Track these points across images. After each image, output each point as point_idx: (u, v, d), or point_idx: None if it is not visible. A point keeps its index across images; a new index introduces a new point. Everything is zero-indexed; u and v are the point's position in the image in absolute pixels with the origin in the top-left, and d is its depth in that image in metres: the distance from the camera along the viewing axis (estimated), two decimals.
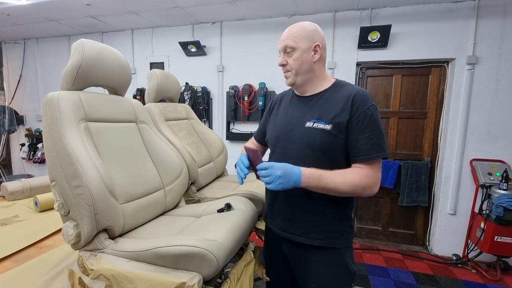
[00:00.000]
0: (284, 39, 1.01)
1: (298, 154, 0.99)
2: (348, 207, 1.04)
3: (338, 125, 0.93)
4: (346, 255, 1.03)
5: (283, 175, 0.86)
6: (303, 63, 1.00)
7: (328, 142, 0.95)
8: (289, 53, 1.01)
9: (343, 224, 1.02)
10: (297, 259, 1.08)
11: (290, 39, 0.99)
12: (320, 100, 1.01)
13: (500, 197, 2.27)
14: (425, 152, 2.89)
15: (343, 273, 1.03)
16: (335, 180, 0.90)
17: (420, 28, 2.63)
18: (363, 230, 3.14)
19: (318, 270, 1.03)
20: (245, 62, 3.15)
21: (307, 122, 0.99)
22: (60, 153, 0.92)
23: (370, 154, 0.91)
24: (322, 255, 1.02)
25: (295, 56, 0.99)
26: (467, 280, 2.38)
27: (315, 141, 0.96)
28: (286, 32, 1.02)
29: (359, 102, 0.93)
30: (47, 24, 3.36)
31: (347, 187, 0.90)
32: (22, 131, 4.14)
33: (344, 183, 0.90)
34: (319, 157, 0.96)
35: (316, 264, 1.03)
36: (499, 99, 2.53)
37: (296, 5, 2.69)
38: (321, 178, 0.89)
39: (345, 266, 1.03)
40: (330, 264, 1.02)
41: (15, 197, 2.02)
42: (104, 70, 1.12)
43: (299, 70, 1.01)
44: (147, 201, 1.15)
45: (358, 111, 0.92)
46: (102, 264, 0.88)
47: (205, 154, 1.81)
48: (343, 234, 1.02)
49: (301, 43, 0.98)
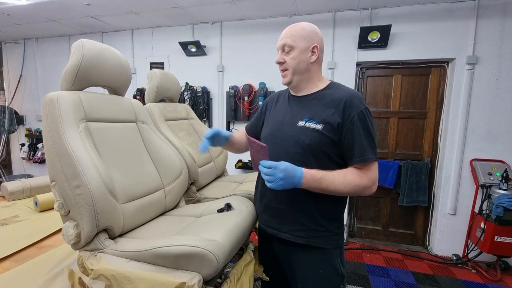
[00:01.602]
0: (283, 37, 1.03)
1: (288, 151, 1.00)
2: (337, 208, 1.05)
3: (329, 126, 0.95)
4: (334, 256, 1.03)
5: (284, 178, 0.87)
6: (300, 63, 1.01)
7: (317, 141, 0.96)
8: (287, 51, 1.02)
9: (331, 224, 1.02)
10: (285, 257, 1.10)
11: (289, 38, 1.01)
12: (314, 100, 1.02)
13: (500, 197, 2.27)
14: (425, 152, 2.89)
15: (331, 274, 1.03)
16: (335, 182, 0.91)
17: (420, 28, 2.63)
18: (363, 230, 3.14)
19: (305, 270, 1.03)
20: (245, 62, 3.15)
21: (300, 121, 1.01)
22: (60, 153, 0.92)
23: (366, 155, 0.93)
24: (308, 254, 1.03)
25: (293, 55, 1.01)
26: (467, 280, 2.38)
27: (304, 139, 0.97)
28: (286, 31, 1.03)
29: (352, 106, 0.95)
30: (47, 24, 3.36)
31: (347, 188, 0.92)
32: (22, 131, 4.14)
33: (344, 184, 0.92)
34: (308, 155, 0.98)
35: (303, 263, 1.04)
36: (499, 99, 2.53)
37: (296, 5, 2.69)
38: (321, 181, 0.91)
39: (333, 267, 1.03)
40: (318, 265, 1.02)
41: (15, 197, 2.02)
42: (104, 70, 1.12)
43: (296, 69, 1.02)
44: (147, 201, 1.15)
45: (351, 114, 0.94)
46: (102, 264, 0.88)
47: (205, 154, 1.81)
48: (331, 235, 1.02)
49: (300, 42, 1.00)
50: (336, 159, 0.99)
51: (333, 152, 0.98)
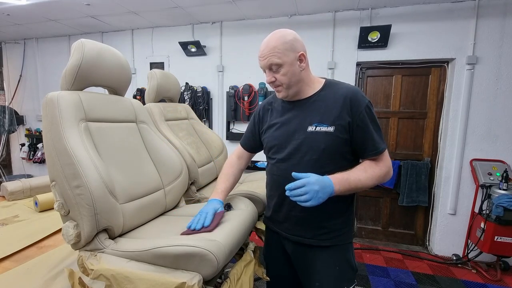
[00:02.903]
0: (266, 56, 0.96)
1: (302, 159, 0.99)
2: (348, 203, 1.06)
3: (341, 126, 0.95)
4: (349, 251, 1.06)
5: (321, 189, 0.84)
6: (293, 76, 0.97)
7: (331, 143, 0.96)
8: (275, 70, 0.97)
9: (345, 220, 1.05)
10: (302, 259, 1.09)
11: (273, 56, 0.94)
12: (317, 103, 1.01)
13: (500, 197, 2.27)
14: (425, 152, 2.89)
15: (347, 269, 1.05)
16: (361, 179, 0.93)
17: (420, 28, 2.63)
18: (363, 230, 3.14)
19: (323, 268, 1.03)
20: (245, 62, 3.14)
21: (309, 127, 0.99)
22: (60, 153, 0.92)
23: (379, 148, 0.96)
24: (328, 253, 1.04)
25: (283, 71, 0.96)
26: (467, 280, 2.38)
27: (319, 144, 0.96)
28: (266, 49, 0.96)
29: (358, 102, 0.95)
30: (47, 24, 3.36)
31: (373, 181, 0.95)
32: (22, 131, 4.14)
33: (368, 178, 0.94)
34: (324, 159, 0.97)
35: (321, 262, 1.04)
36: (499, 99, 2.53)
37: (296, 5, 2.69)
38: (349, 182, 0.91)
39: (348, 262, 1.05)
40: (335, 261, 1.04)
41: (15, 197, 2.02)
42: (104, 70, 1.12)
43: (290, 83, 0.99)
44: (147, 201, 1.15)
45: (358, 110, 0.95)
46: (102, 264, 0.88)
47: (205, 154, 1.81)
48: (347, 230, 1.05)
49: (286, 57, 0.94)
50: (348, 157, 1.00)
51: (345, 151, 0.99)
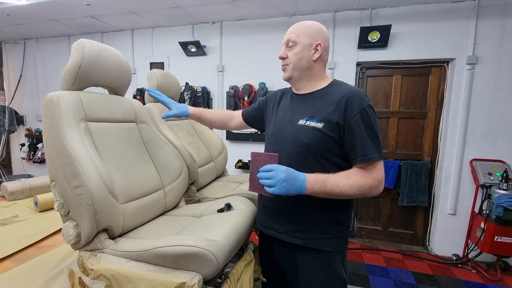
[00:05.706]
0: (288, 33, 1.05)
1: (287, 151, 0.99)
2: (336, 210, 0.99)
3: (330, 124, 0.93)
4: (336, 260, 1.00)
5: (287, 179, 0.83)
6: (302, 59, 1.01)
7: (316, 139, 0.94)
8: (290, 47, 1.03)
9: (331, 227, 0.99)
10: (286, 260, 1.08)
11: (293, 34, 1.02)
12: (315, 99, 1.01)
13: (500, 197, 2.27)
14: (425, 152, 2.89)
15: (331, 278, 1.00)
16: (340, 184, 0.88)
17: (420, 28, 2.63)
18: (363, 230, 3.14)
19: (306, 272, 1.01)
20: (245, 62, 3.14)
21: (300, 120, 1.00)
22: (60, 153, 0.92)
23: (369, 154, 0.89)
24: (308, 257, 1.01)
25: (295, 51, 1.01)
26: (467, 280, 2.38)
27: (304, 138, 0.96)
28: (292, 27, 1.05)
29: (354, 103, 0.91)
30: (47, 24, 3.36)
31: (353, 189, 0.88)
32: (22, 131, 4.14)
33: (349, 185, 0.88)
34: (307, 155, 0.96)
35: (304, 266, 1.02)
36: (499, 99, 2.53)
37: (296, 5, 2.69)
38: (325, 183, 0.87)
39: (334, 271, 1.00)
40: (318, 268, 1.00)
41: (15, 197, 2.02)
42: (104, 70, 1.12)
43: (297, 65, 1.02)
44: (147, 201, 1.15)
45: (352, 112, 0.91)
46: (102, 264, 0.88)
47: (205, 154, 1.81)
48: (330, 237, 0.99)
49: (303, 38, 1.00)
50: (338, 161, 0.96)
51: (335, 152, 0.95)
